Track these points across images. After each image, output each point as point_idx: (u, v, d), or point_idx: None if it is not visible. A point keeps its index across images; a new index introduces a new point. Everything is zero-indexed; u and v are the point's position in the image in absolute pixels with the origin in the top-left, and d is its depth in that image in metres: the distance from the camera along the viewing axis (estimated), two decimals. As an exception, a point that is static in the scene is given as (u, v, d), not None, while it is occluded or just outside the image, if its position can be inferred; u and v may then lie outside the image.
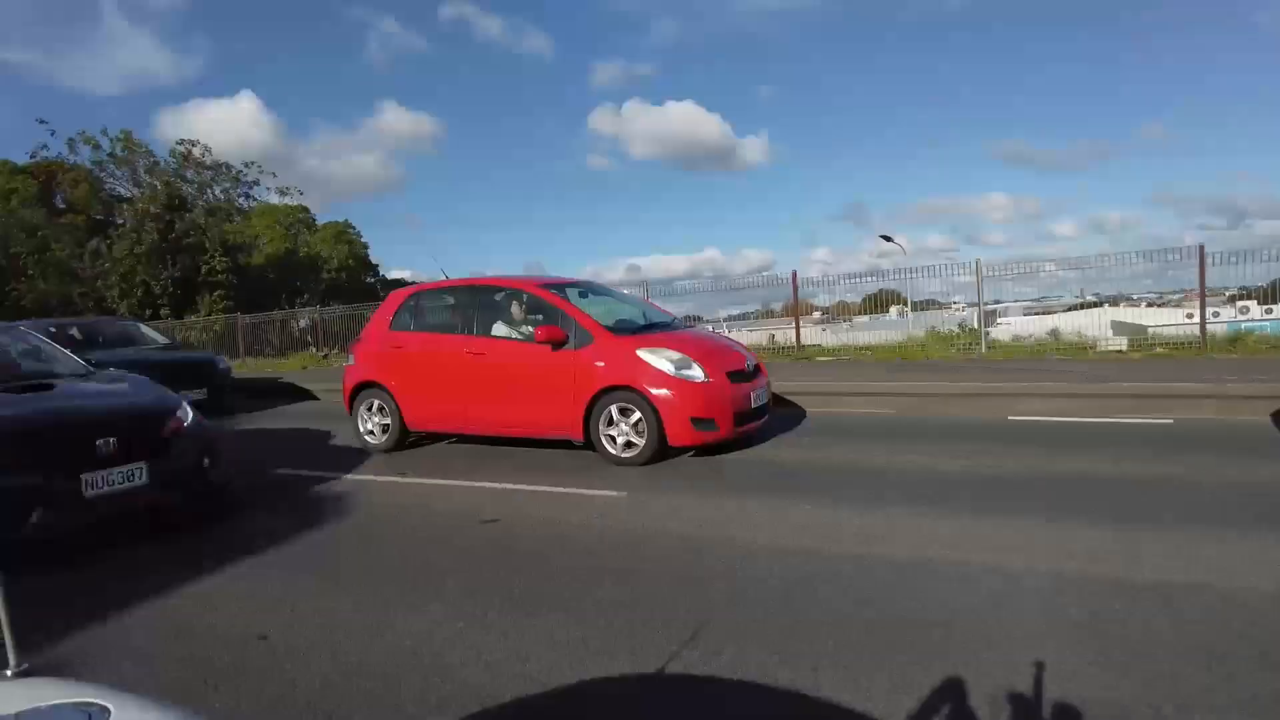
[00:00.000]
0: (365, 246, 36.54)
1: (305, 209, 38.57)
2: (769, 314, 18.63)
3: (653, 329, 7.03)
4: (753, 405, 6.56)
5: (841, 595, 3.36)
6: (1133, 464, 5.44)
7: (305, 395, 13.08)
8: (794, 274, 13.25)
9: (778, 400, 8.26)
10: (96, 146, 31.31)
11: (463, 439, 7.66)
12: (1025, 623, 2.98)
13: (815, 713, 2.46)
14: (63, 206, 29.18)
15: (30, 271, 24.58)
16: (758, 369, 6.98)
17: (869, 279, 14.51)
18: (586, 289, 7.79)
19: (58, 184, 30.38)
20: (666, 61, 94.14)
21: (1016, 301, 21.41)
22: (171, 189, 26.49)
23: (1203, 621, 2.91)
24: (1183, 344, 10.82)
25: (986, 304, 12.94)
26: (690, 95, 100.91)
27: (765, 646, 2.89)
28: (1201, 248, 10.40)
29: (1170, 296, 21.04)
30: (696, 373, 6.22)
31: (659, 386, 6.16)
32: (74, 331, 11.39)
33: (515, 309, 7.04)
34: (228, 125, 62.94)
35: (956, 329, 13.73)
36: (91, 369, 5.96)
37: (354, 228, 37.04)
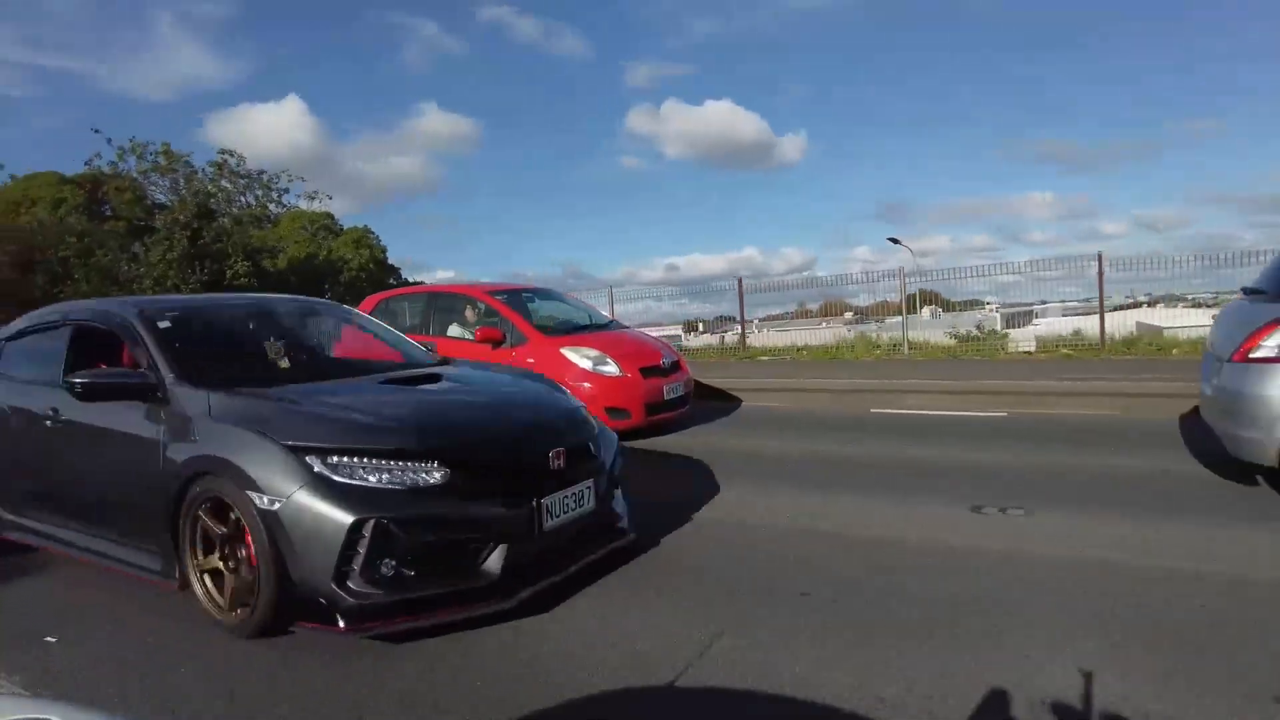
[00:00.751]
0: (384, 250, 38.23)
1: (330, 215, 40.41)
2: (805, 313, 19.18)
3: (582, 330, 7.95)
4: (665, 398, 7.42)
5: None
6: (947, 450, 6.33)
7: None
8: (739, 281, 14.57)
9: (714, 393, 9.39)
10: (142, 156, 33.53)
11: None
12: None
13: None
14: (109, 214, 31.32)
15: (76, 275, 26.60)
16: (676, 365, 7.83)
17: (887, 279, 14.66)
18: (537, 295, 8.78)
19: (105, 192, 32.60)
20: (704, 61, 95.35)
21: (1061, 301, 20.55)
22: (200, 200, 28.40)
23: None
24: (1084, 346, 11.50)
25: (1026, 304, 13.26)
26: (728, 94, 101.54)
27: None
28: (1100, 255, 11.30)
29: (1227, 297, 20.38)
30: (611, 368, 7.17)
31: (579, 380, 7.04)
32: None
33: (469, 312, 8.01)
34: (275, 128, 65.97)
35: (975, 329, 14.16)
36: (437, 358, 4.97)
37: (374, 233, 38.71)
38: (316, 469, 3.02)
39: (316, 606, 3.00)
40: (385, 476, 3.08)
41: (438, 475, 3.15)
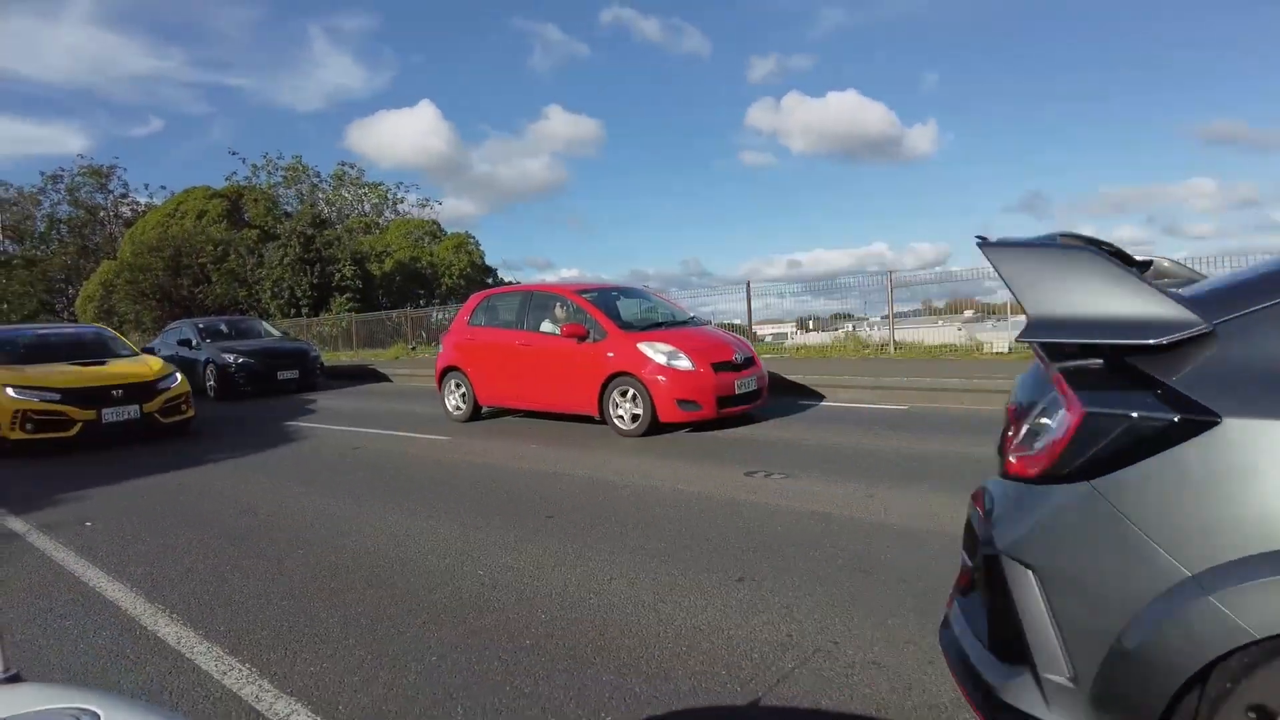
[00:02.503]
0: (482, 255, 41.26)
1: (435, 222, 44.10)
2: (930, 310, 18.49)
3: (660, 326, 8.27)
4: (737, 391, 7.62)
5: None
6: (842, 437, 7.06)
7: (382, 378, 16.17)
8: (747, 284, 15.06)
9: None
10: (272, 171, 38.77)
11: (521, 414, 9.26)
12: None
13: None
14: (247, 221, 35.97)
15: (213, 278, 30.88)
16: (749, 361, 8.02)
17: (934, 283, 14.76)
18: (625, 294, 9.28)
19: (243, 203, 37.44)
20: (825, 53, 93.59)
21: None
22: (315, 211, 32.34)
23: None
24: None
25: None
26: (851, 85, 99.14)
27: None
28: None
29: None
30: (684, 362, 7.43)
31: (653, 373, 7.40)
32: (221, 325, 15.82)
33: (558, 310, 8.45)
34: (410, 134, 71.67)
35: None
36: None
37: (473, 238, 41.81)
38: None
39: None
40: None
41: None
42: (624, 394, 7.63)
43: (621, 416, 7.64)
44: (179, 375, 9.33)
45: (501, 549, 4.11)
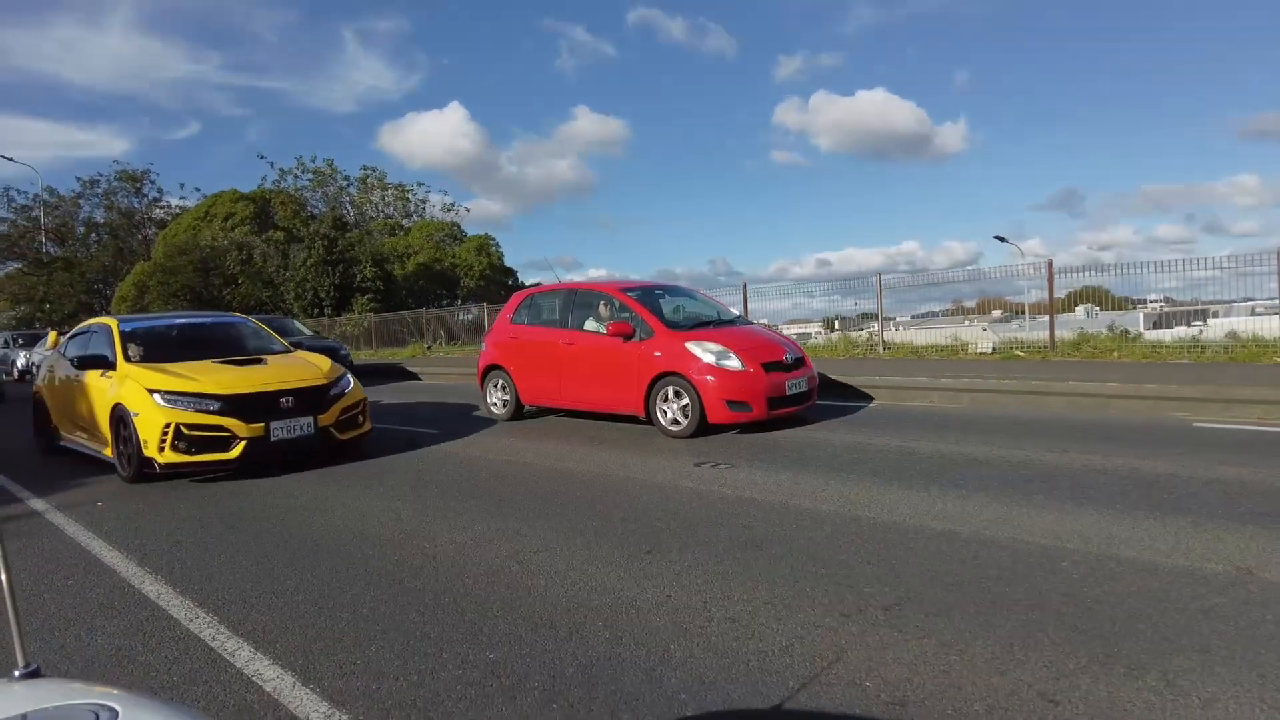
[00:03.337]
0: (502, 256, 42.08)
1: (457, 225, 45.09)
2: (960, 311, 18.90)
3: (708, 325, 7.97)
4: (787, 393, 7.38)
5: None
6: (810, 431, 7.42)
7: (411, 376, 16.75)
8: (744, 284, 15.24)
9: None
10: (300, 175, 40.41)
11: (562, 414, 9.13)
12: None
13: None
14: (274, 224, 37.19)
15: (240, 280, 31.99)
16: (800, 361, 7.80)
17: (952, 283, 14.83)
18: (670, 292, 9.06)
19: (271, 206, 38.69)
20: (853, 51, 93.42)
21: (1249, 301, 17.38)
22: (338, 214, 33.49)
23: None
24: (1037, 348, 11.96)
25: (1205, 303, 12.34)
26: (880, 83, 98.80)
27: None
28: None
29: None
30: (734, 362, 7.19)
31: (701, 373, 7.18)
32: (253, 323, 16.63)
33: (602, 308, 8.26)
34: (439, 135, 73.11)
35: (1105, 331, 12.46)
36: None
37: (494, 240, 42.64)
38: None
39: None
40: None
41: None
42: (671, 394, 7.41)
43: (668, 417, 7.43)
44: (351, 378, 7.27)
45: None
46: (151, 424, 6.02)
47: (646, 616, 3.10)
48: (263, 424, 6.23)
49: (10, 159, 37.00)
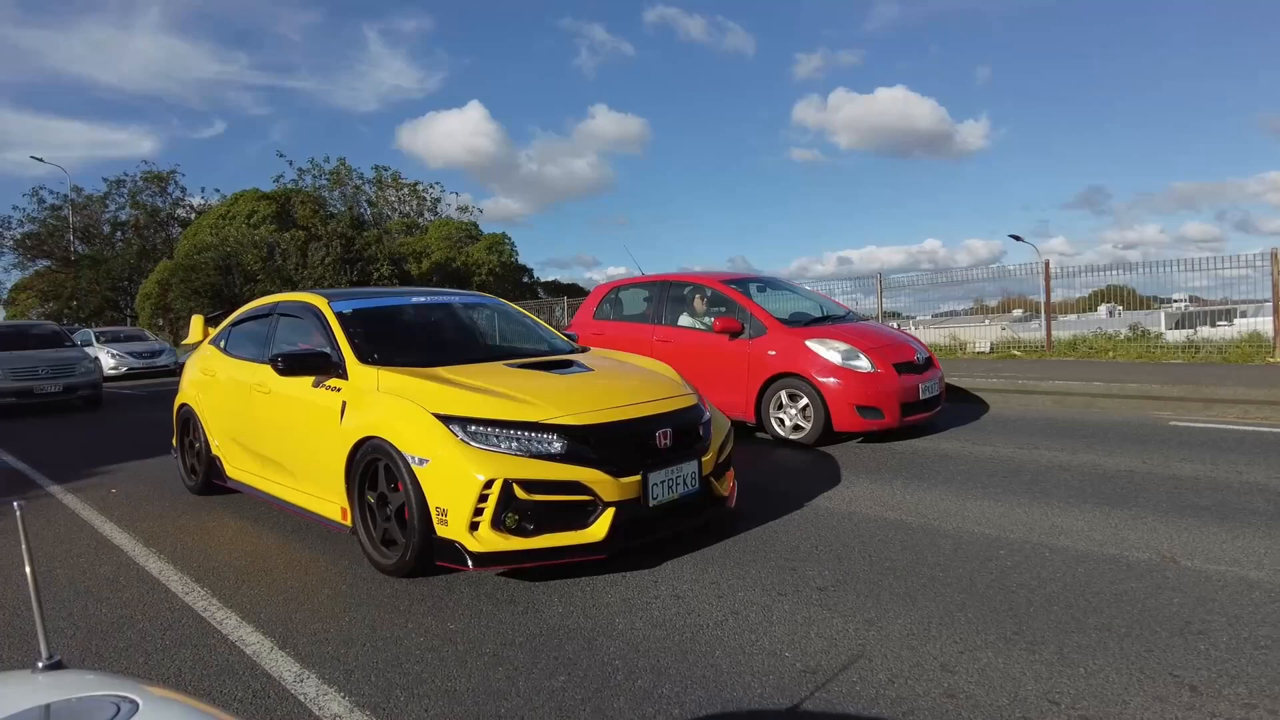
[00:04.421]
0: (515, 254, 42.61)
1: (474, 224, 45.69)
2: (983, 309, 17.96)
3: (824, 322, 7.31)
4: (921, 397, 6.72)
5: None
6: None
7: None
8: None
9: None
10: (317, 175, 41.30)
11: None
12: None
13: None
14: (294, 223, 37.91)
15: (259, 277, 32.71)
16: (929, 362, 7.20)
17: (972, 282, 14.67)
18: (765, 284, 8.25)
19: (292, 205, 39.43)
20: (873, 48, 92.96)
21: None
22: (355, 213, 34.18)
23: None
24: (1033, 348, 12.02)
25: (1233, 303, 12.02)
26: (900, 81, 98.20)
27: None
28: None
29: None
30: (863, 363, 6.51)
31: (826, 375, 6.48)
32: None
33: (698, 302, 7.65)
34: (459, 134, 73.98)
35: (1126, 330, 12.34)
36: None
37: (509, 239, 43.19)
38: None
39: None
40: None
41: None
42: (790, 398, 6.72)
43: (785, 423, 6.73)
44: (702, 400, 4.41)
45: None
46: (455, 479, 3.38)
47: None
48: (638, 476, 3.59)
49: (41, 159, 37.99)
